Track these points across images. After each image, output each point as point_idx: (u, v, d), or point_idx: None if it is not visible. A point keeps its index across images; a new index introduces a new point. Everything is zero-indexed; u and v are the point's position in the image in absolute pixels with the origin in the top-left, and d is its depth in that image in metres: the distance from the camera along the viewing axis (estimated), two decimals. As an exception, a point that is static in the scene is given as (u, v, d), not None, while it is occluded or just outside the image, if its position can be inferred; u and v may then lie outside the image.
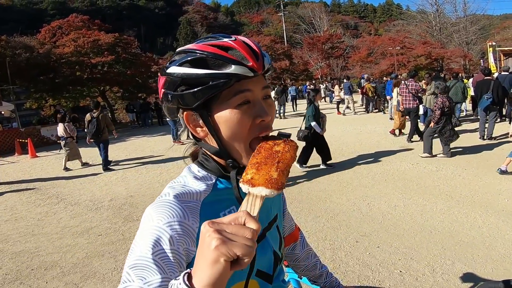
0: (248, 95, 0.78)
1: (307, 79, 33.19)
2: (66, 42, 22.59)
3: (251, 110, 0.79)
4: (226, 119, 0.78)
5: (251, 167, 0.71)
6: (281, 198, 1.12)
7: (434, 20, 41.27)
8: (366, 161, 7.42)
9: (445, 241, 3.74)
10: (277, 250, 0.98)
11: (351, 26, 78.48)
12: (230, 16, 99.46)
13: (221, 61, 0.76)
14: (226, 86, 0.76)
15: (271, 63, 0.84)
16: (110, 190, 7.00)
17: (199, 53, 0.77)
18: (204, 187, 0.84)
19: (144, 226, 0.74)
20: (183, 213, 0.75)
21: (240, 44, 0.78)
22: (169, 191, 0.80)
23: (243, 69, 0.75)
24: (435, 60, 33.79)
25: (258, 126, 0.80)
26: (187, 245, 0.74)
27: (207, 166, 0.88)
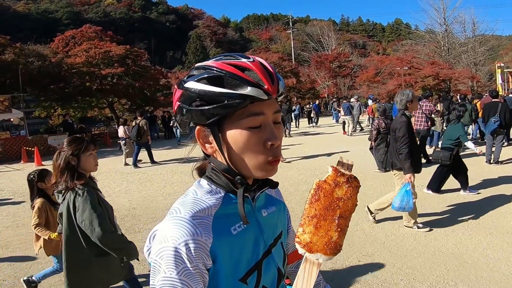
0: (260, 118, 0.80)
1: (313, 98, 33.29)
2: (78, 52, 22.93)
3: (262, 133, 0.80)
4: (236, 139, 0.80)
5: (309, 223, 0.70)
6: (286, 214, 1.13)
7: (442, 40, 41.37)
8: (371, 181, 7.37)
9: (448, 262, 3.69)
10: (281, 266, 0.98)
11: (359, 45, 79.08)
12: (239, 32, 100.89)
13: (238, 81, 0.77)
14: (240, 106, 0.77)
15: (285, 87, 0.86)
16: (113, 202, 6.93)
17: (217, 71, 0.79)
18: (214, 201, 0.85)
19: (160, 247, 0.76)
20: (195, 230, 0.77)
21: (257, 66, 0.80)
22: (180, 208, 0.81)
23: (258, 92, 0.77)
24: (442, 81, 33.75)
25: (268, 150, 0.81)
26: (204, 260, 0.77)
27: (216, 181, 0.89)
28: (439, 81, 33.27)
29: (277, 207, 1.04)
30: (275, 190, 1.09)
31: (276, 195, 1.10)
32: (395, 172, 4.66)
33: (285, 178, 8.01)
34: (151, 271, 0.78)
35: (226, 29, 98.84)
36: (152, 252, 0.78)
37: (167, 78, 28.05)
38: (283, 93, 0.85)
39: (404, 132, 4.31)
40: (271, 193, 1.07)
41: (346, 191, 0.72)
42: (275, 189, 1.10)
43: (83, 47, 23.35)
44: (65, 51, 24.66)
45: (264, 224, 0.94)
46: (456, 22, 41.60)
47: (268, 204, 1.01)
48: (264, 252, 0.92)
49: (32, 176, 3.34)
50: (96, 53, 22.44)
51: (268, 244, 0.94)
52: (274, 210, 1.02)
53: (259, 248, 0.90)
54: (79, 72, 21.44)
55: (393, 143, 4.56)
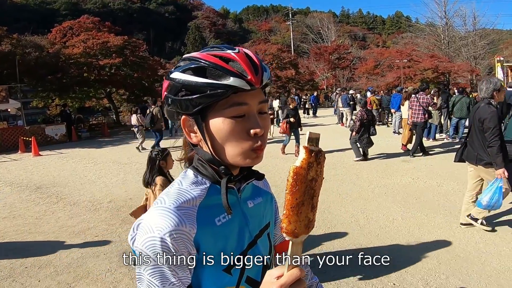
0: (244, 108, 0.81)
1: (312, 89, 33.20)
2: (76, 43, 22.73)
3: (246, 122, 0.81)
4: (219, 128, 0.81)
5: (293, 213, 0.71)
6: (274, 205, 1.13)
7: (442, 34, 41.12)
8: (367, 173, 7.40)
9: (441, 255, 3.72)
10: (266, 257, 0.99)
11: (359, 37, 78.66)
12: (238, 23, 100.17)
13: (221, 71, 0.78)
14: (223, 96, 0.78)
15: (271, 77, 0.87)
16: (109, 192, 7.02)
17: (201, 62, 0.80)
18: (198, 192, 0.86)
19: (146, 237, 0.77)
20: (180, 221, 0.78)
21: (242, 57, 0.81)
22: (165, 198, 0.83)
23: (241, 82, 0.78)
24: (442, 74, 33.64)
25: (252, 138, 0.82)
26: (188, 250, 0.79)
27: (202, 171, 0.90)
28: (438, 74, 33.15)
29: (264, 198, 1.05)
30: (263, 182, 1.10)
31: (264, 186, 1.10)
32: (476, 167, 4.17)
33: (282, 169, 8.03)
34: (137, 260, 0.79)
35: (225, 20, 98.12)
36: (137, 241, 0.79)
37: (165, 69, 27.84)
38: (268, 84, 0.86)
39: (495, 123, 3.88)
40: (259, 184, 1.08)
41: (317, 170, 0.73)
42: (263, 181, 1.10)
43: (81, 38, 23.15)
44: (63, 42, 24.41)
45: (249, 215, 0.95)
46: (457, 16, 41.32)
47: (255, 195, 1.02)
48: (249, 243, 0.93)
49: (156, 154, 3.38)
50: (94, 43, 22.27)
51: (253, 235, 0.95)
52: (261, 201, 1.02)
53: (244, 239, 0.91)
54: (77, 62, 21.30)
55: (479, 135, 4.05)
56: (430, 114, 9.25)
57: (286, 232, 0.72)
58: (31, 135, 14.27)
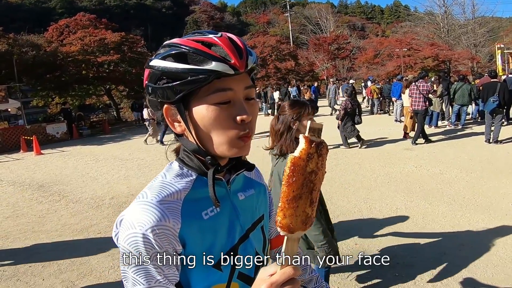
0: (229, 94, 0.76)
1: (312, 80, 33.06)
2: (73, 41, 22.69)
3: (231, 109, 0.77)
4: (203, 116, 0.77)
5: (289, 206, 0.67)
6: (268, 197, 1.08)
7: (442, 22, 40.79)
8: (369, 162, 7.36)
9: (445, 244, 3.69)
10: (260, 252, 0.95)
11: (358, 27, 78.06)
12: (236, 16, 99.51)
13: (202, 56, 0.74)
14: (205, 82, 0.74)
15: (257, 62, 0.82)
16: (111, 189, 7.01)
17: (181, 48, 0.76)
18: (183, 184, 0.82)
19: (128, 233, 0.74)
20: (162, 216, 0.74)
21: (224, 41, 0.76)
22: (147, 192, 0.79)
23: (223, 66, 0.74)
24: (442, 62, 33.40)
25: (239, 125, 0.77)
26: (173, 246, 0.76)
27: (188, 163, 0.86)
28: (439, 62, 32.92)
29: (256, 190, 1.00)
30: (255, 173, 1.06)
31: (256, 177, 1.06)
32: None
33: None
34: (121, 257, 0.76)
35: (223, 14, 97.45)
36: (120, 238, 0.76)
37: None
38: (255, 68, 0.82)
39: None
40: (251, 176, 1.04)
41: (317, 162, 0.69)
42: (255, 172, 1.06)
43: (78, 36, 23.10)
44: (60, 40, 24.33)
45: (240, 208, 0.91)
46: (456, 4, 40.90)
47: (246, 187, 0.98)
48: (240, 237, 0.89)
49: None
50: (91, 41, 22.23)
51: (245, 228, 0.91)
52: (253, 193, 0.98)
53: (234, 233, 0.87)
54: (75, 60, 21.26)
55: None
56: (431, 101, 9.20)
57: (280, 226, 0.68)
58: (32, 134, 14.27)
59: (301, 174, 0.67)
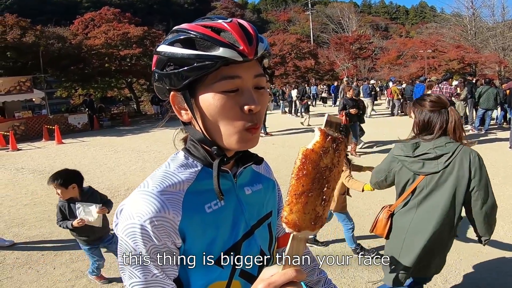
0: (236, 82, 0.73)
1: (332, 79, 32.76)
2: (97, 34, 23.12)
3: (238, 97, 0.73)
4: (209, 104, 0.74)
5: (296, 201, 0.63)
6: (276, 193, 1.05)
7: (469, 24, 39.71)
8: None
9: (462, 251, 3.58)
10: (265, 249, 0.92)
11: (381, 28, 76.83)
12: (257, 14, 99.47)
13: (209, 42, 0.72)
14: (212, 68, 0.71)
15: (269, 49, 0.78)
16: (127, 180, 7.11)
17: (189, 33, 0.74)
18: (187, 175, 0.80)
19: (126, 223, 0.72)
20: (162, 207, 0.72)
21: (234, 27, 0.73)
22: (149, 181, 0.77)
23: (231, 53, 0.70)
24: (468, 65, 32.56)
25: (246, 116, 0.74)
26: (172, 239, 0.74)
27: (194, 153, 0.83)
28: (464, 65, 32.12)
29: (264, 186, 0.96)
30: (264, 167, 1.02)
31: (265, 172, 1.02)
32: None
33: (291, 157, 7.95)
34: (118, 248, 0.75)
35: (244, 11, 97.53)
36: (119, 228, 0.74)
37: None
38: (266, 56, 0.78)
39: None
40: (259, 170, 1.00)
41: (333, 158, 0.64)
42: (264, 166, 1.02)
43: (102, 29, 23.53)
44: (85, 33, 24.86)
45: (246, 203, 0.88)
46: (484, 6, 39.76)
47: (254, 182, 0.94)
48: (244, 233, 0.85)
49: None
50: (114, 34, 22.60)
51: (250, 224, 0.88)
52: (261, 189, 0.94)
53: (238, 229, 0.84)
54: (98, 53, 21.67)
55: None
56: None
57: (286, 222, 0.63)
58: (54, 123, 14.63)
59: (313, 168, 0.62)
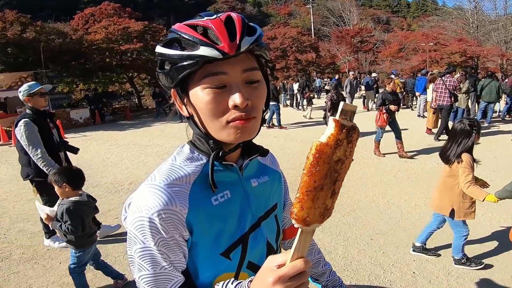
0: (222, 78, 0.74)
1: (333, 73, 32.61)
2: (98, 29, 23.05)
3: (226, 93, 0.74)
4: (198, 100, 0.76)
5: (308, 197, 0.62)
6: (282, 185, 1.06)
7: (471, 17, 39.40)
8: (389, 158, 7.22)
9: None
10: (272, 241, 0.93)
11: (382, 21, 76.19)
12: (257, 7, 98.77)
13: (191, 41, 0.74)
14: (194, 67, 0.73)
15: (259, 41, 0.77)
16: (131, 174, 7.13)
17: (176, 33, 0.77)
18: (193, 168, 0.81)
19: (135, 216, 0.74)
20: (169, 200, 0.74)
21: (217, 23, 0.74)
22: (156, 175, 0.79)
23: (210, 51, 0.72)
24: (470, 58, 32.37)
25: (232, 112, 0.74)
26: (180, 231, 0.75)
27: (199, 146, 0.85)
28: (466, 58, 31.93)
29: (271, 178, 0.97)
30: (270, 159, 1.03)
31: (272, 164, 1.03)
32: None
33: (301, 152, 7.95)
34: (128, 241, 0.77)
35: (244, 4, 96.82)
36: (127, 222, 0.76)
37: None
38: (257, 49, 0.77)
39: None
40: (266, 162, 1.01)
41: (346, 150, 0.63)
42: (270, 158, 1.04)
43: (103, 24, 23.45)
44: (85, 29, 24.76)
45: (253, 195, 0.89)
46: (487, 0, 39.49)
47: (260, 174, 0.95)
48: (251, 225, 0.87)
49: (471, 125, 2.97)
50: (115, 29, 22.52)
51: (257, 216, 0.89)
52: (267, 181, 0.95)
53: (245, 221, 0.85)
54: (99, 48, 21.62)
55: None
56: (456, 97, 8.97)
57: (296, 218, 0.63)
58: (56, 118, 14.62)
59: (326, 163, 0.61)
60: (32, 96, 3.64)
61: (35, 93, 3.63)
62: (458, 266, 3.17)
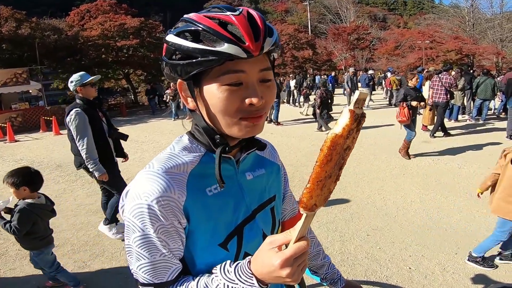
0: (241, 76, 0.73)
1: (330, 70, 32.64)
2: (94, 26, 22.95)
3: (242, 91, 0.74)
4: (213, 95, 0.74)
5: (317, 187, 0.63)
6: (281, 178, 1.05)
7: (467, 15, 39.59)
8: (385, 154, 7.24)
9: (460, 240, 3.62)
10: (268, 233, 0.93)
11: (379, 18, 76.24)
12: (254, 4, 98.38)
13: (215, 36, 0.71)
14: (215, 64, 0.71)
15: (278, 42, 0.78)
16: (127, 170, 7.06)
17: (196, 25, 0.73)
18: (191, 158, 0.81)
19: (133, 204, 0.73)
20: (168, 186, 0.73)
21: (241, 20, 0.72)
22: (154, 163, 0.78)
23: (236, 49, 0.70)
24: (465, 56, 32.53)
25: (246, 109, 0.74)
26: (178, 218, 0.75)
27: (198, 137, 0.85)
28: (462, 56, 32.08)
29: (267, 170, 0.97)
30: (269, 151, 1.03)
31: (270, 156, 1.03)
32: None
33: (297, 149, 7.96)
34: (125, 231, 0.76)
35: (241, 1, 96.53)
36: (125, 210, 0.75)
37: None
38: (273, 50, 0.77)
39: None
40: (264, 155, 1.01)
41: (354, 137, 0.64)
42: (270, 150, 1.03)
43: (98, 20, 23.32)
44: (81, 25, 24.65)
45: (247, 188, 0.89)
46: (483, -2, 39.72)
47: (256, 167, 0.95)
48: (246, 218, 0.87)
49: None
50: (111, 25, 22.42)
51: (251, 209, 0.89)
52: (263, 173, 0.95)
53: (238, 213, 0.86)
54: (95, 44, 21.52)
55: None
56: (452, 94, 9.02)
57: (304, 207, 0.64)
58: (52, 115, 14.56)
59: (338, 152, 0.62)
60: (84, 86, 3.68)
61: (86, 84, 3.67)
62: (470, 263, 3.13)
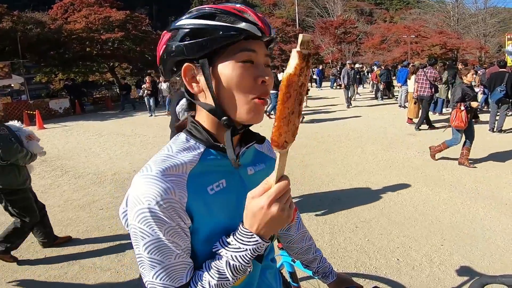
0: (252, 55, 0.79)
1: (317, 63, 32.76)
2: (78, 19, 22.53)
3: (254, 69, 0.79)
4: (229, 72, 0.78)
5: (283, 123, 0.69)
6: None
7: (452, 10, 40.22)
8: (372, 147, 7.34)
9: (445, 231, 3.70)
10: None
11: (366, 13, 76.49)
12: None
13: (232, 17, 0.77)
14: (234, 39, 0.77)
15: (275, 35, 0.87)
16: (114, 164, 7.03)
17: (211, 9, 0.79)
18: (190, 157, 0.80)
19: (137, 209, 0.72)
20: (169, 188, 0.73)
21: (251, 10, 0.82)
22: (151, 165, 0.77)
23: (253, 28, 0.77)
24: (450, 51, 33.06)
25: (259, 87, 0.79)
26: (183, 219, 0.74)
27: (196, 134, 0.84)
28: (446, 50, 32.60)
29: (267, 165, 0.98)
30: (267, 147, 1.04)
31: (269, 151, 1.04)
32: None
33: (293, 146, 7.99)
34: (133, 239, 0.74)
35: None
36: (130, 217, 0.74)
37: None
38: (273, 39, 0.86)
39: None
40: (263, 150, 1.02)
41: (306, 74, 0.69)
42: (268, 146, 1.04)
43: (83, 13, 22.89)
44: (64, 18, 24.08)
45: (249, 183, 0.88)
46: (468, -7, 40.33)
47: (257, 161, 0.96)
48: None
49: None
50: (95, 19, 22.06)
51: None
52: (264, 168, 0.96)
53: (241, 208, 0.84)
54: (79, 37, 21.12)
55: None
56: (437, 88, 9.19)
57: (276, 145, 0.69)
58: (35, 109, 14.27)
59: (294, 89, 0.68)
60: None
61: None
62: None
